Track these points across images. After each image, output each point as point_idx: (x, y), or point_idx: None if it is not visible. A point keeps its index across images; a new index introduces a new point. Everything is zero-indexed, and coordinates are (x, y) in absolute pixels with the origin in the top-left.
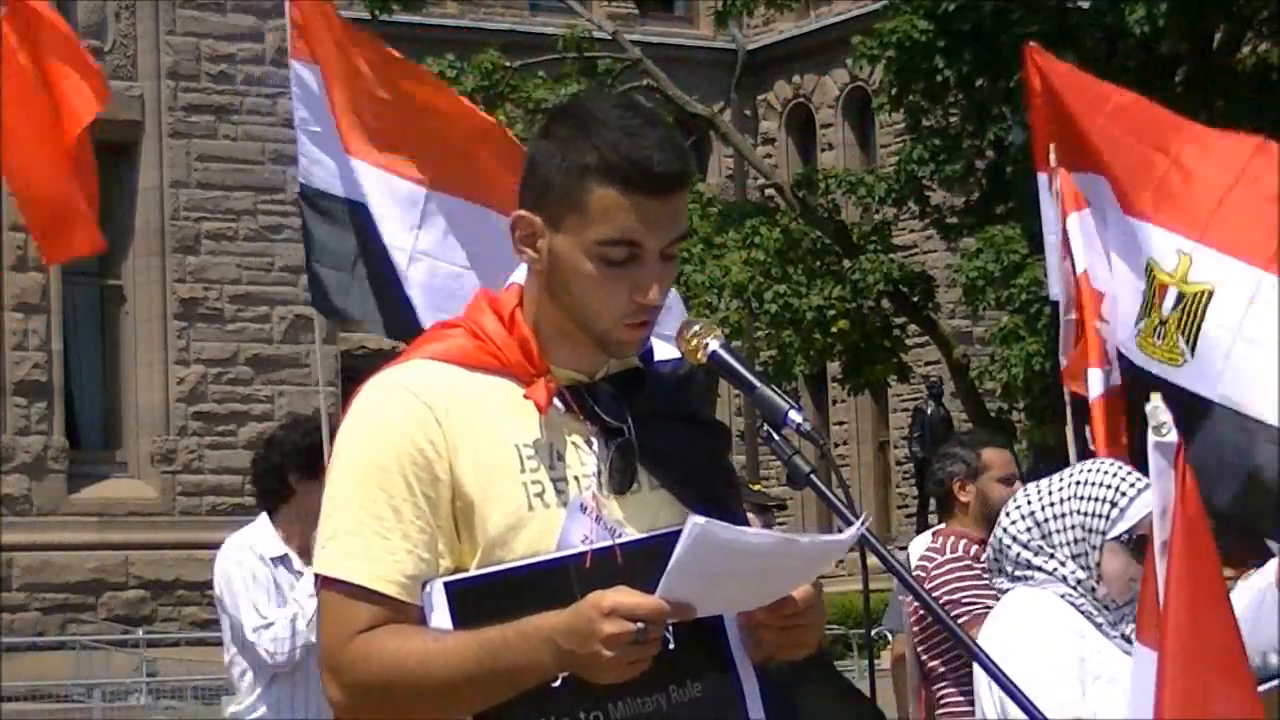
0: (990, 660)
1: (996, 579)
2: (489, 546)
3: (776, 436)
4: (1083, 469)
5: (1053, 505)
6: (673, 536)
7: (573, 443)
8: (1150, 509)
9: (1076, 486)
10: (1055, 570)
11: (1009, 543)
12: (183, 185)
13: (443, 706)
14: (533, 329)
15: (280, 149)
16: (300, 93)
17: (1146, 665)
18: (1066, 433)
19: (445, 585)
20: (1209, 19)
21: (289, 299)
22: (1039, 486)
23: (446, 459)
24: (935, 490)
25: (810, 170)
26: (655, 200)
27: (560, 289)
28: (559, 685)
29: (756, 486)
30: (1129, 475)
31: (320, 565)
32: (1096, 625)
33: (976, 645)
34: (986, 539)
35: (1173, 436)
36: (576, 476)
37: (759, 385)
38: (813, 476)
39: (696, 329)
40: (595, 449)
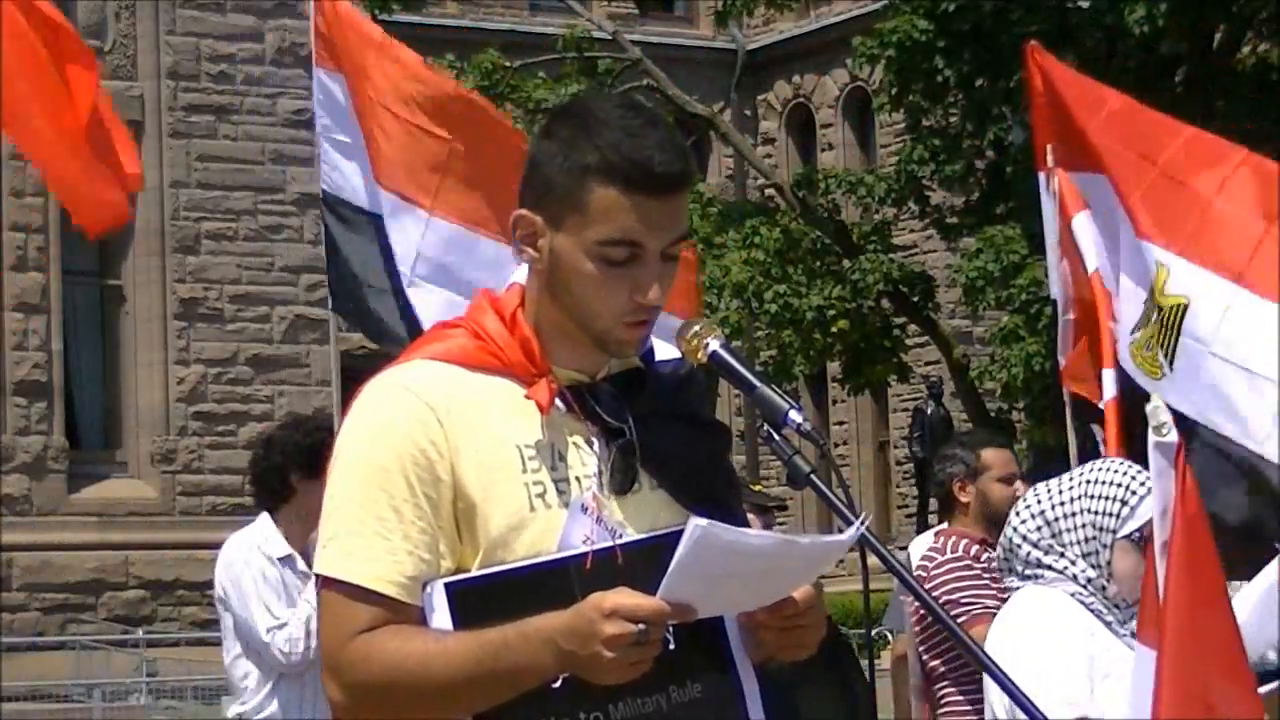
0: (990, 660)
1: (1007, 578)
2: (490, 547)
3: (776, 436)
4: (1093, 468)
5: (1063, 504)
6: (673, 537)
7: (574, 443)
8: None
9: (1087, 485)
10: (1065, 569)
11: (1019, 542)
12: (183, 185)
13: (443, 707)
14: (534, 329)
15: (280, 149)
16: (323, 99)
17: (1146, 665)
18: (1067, 433)
19: (446, 586)
20: (1209, 19)
21: (289, 299)
22: (1049, 486)
23: (448, 459)
24: (936, 491)
25: (810, 170)
26: (656, 200)
27: (561, 289)
28: (559, 686)
29: (757, 487)
30: (1139, 474)
31: (321, 565)
32: (1106, 624)
33: (976, 645)
34: (987, 539)
35: (1173, 436)
36: (578, 477)
37: (759, 385)
38: (813, 476)
39: (696, 329)
40: (596, 449)
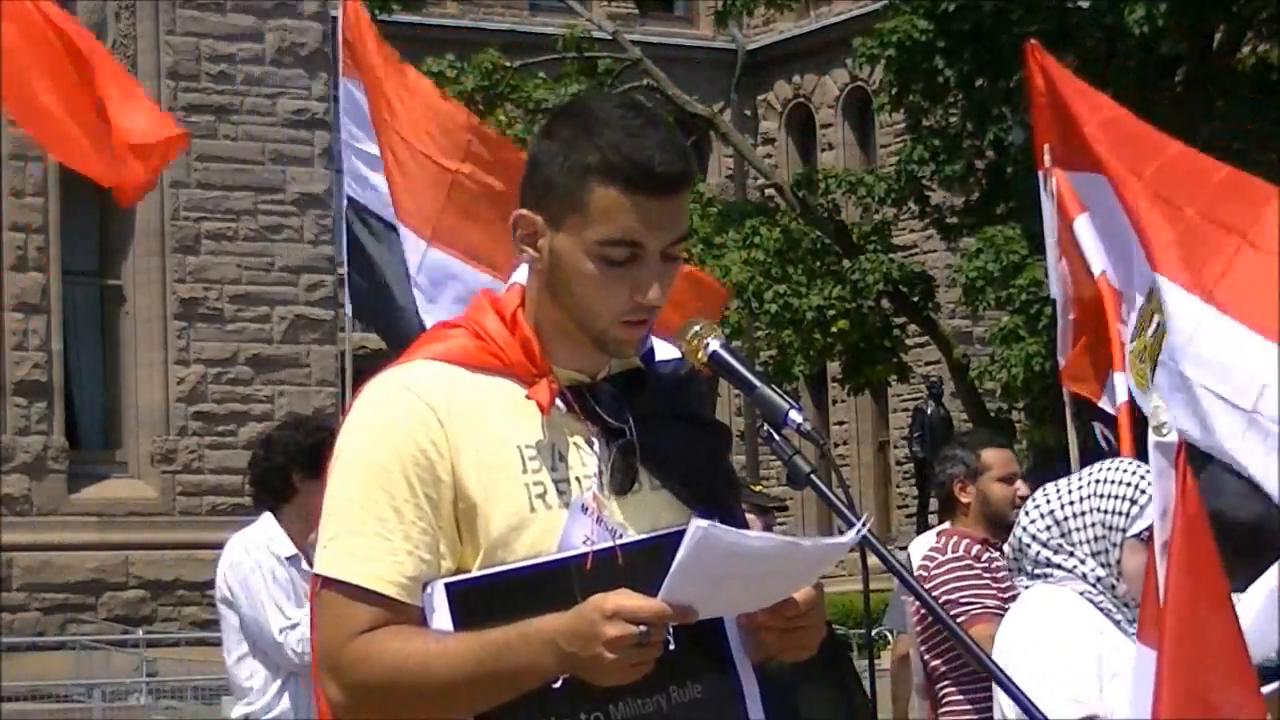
0: (990, 660)
1: (1016, 578)
2: (491, 547)
3: (776, 436)
4: (1102, 468)
5: (1073, 504)
6: (674, 537)
7: (574, 443)
8: None
9: (1096, 485)
10: (1075, 568)
11: (1029, 541)
12: (183, 185)
13: (443, 708)
14: (534, 329)
15: (280, 149)
16: (349, 108)
17: (1147, 665)
18: (1067, 432)
19: (446, 586)
20: (1209, 19)
21: (289, 299)
22: (1058, 486)
23: (449, 460)
24: (937, 492)
25: (810, 170)
26: (656, 200)
27: (561, 288)
28: (559, 686)
29: (758, 487)
30: (1149, 474)
31: (321, 565)
32: (1115, 622)
33: (977, 645)
34: (989, 539)
35: (1173, 437)
36: (578, 477)
37: (759, 385)
38: (813, 476)
39: (696, 329)
40: (596, 449)
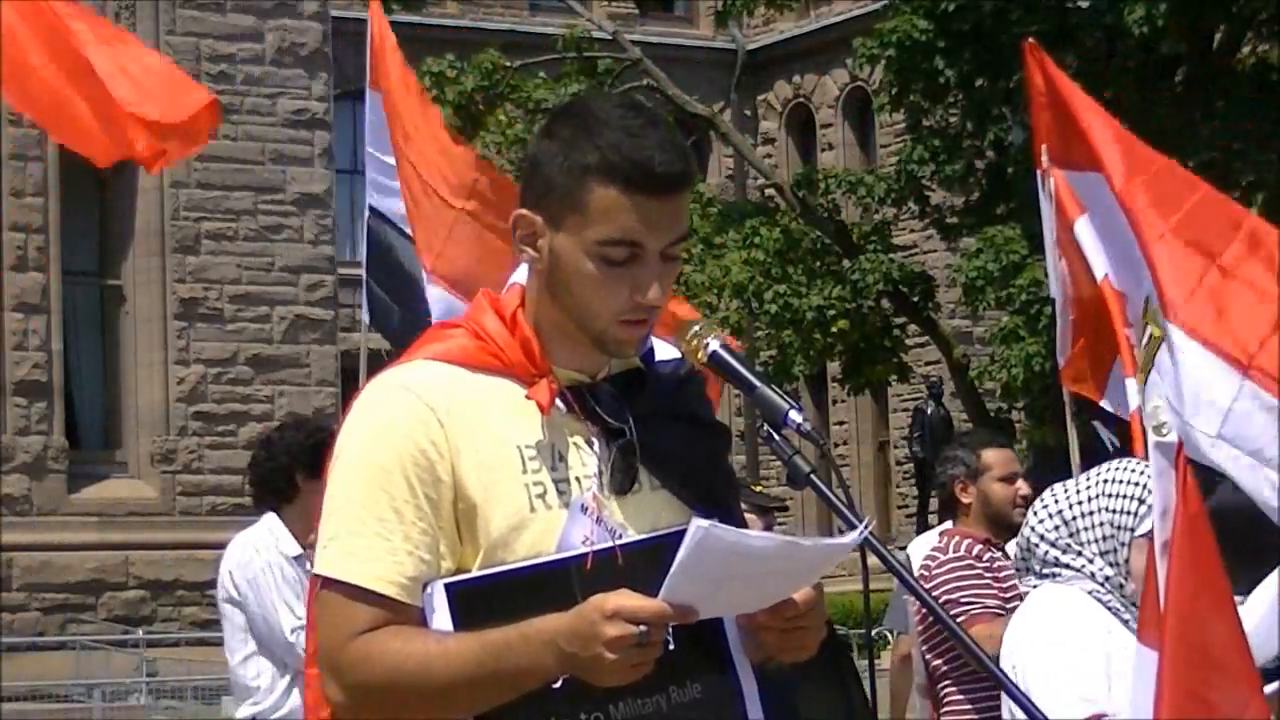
0: (989, 660)
1: (1024, 578)
2: (491, 548)
3: (776, 436)
4: (1110, 468)
5: (1081, 504)
6: (674, 537)
7: (574, 443)
8: None
9: (1104, 485)
10: (1083, 568)
11: (1037, 541)
12: (183, 185)
13: (443, 708)
14: (534, 329)
15: (280, 149)
16: (373, 119)
17: (1147, 666)
18: (1067, 432)
19: (446, 586)
20: (1209, 19)
21: (289, 299)
22: (1066, 486)
23: (449, 460)
24: (938, 493)
25: (810, 170)
26: (656, 200)
27: (561, 288)
28: (559, 686)
29: (758, 488)
30: None
31: (321, 566)
32: (1124, 622)
33: (976, 645)
34: (991, 539)
35: (1173, 437)
36: (578, 477)
37: (759, 385)
38: (813, 476)
39: (697, 329)
40: (596, 449)
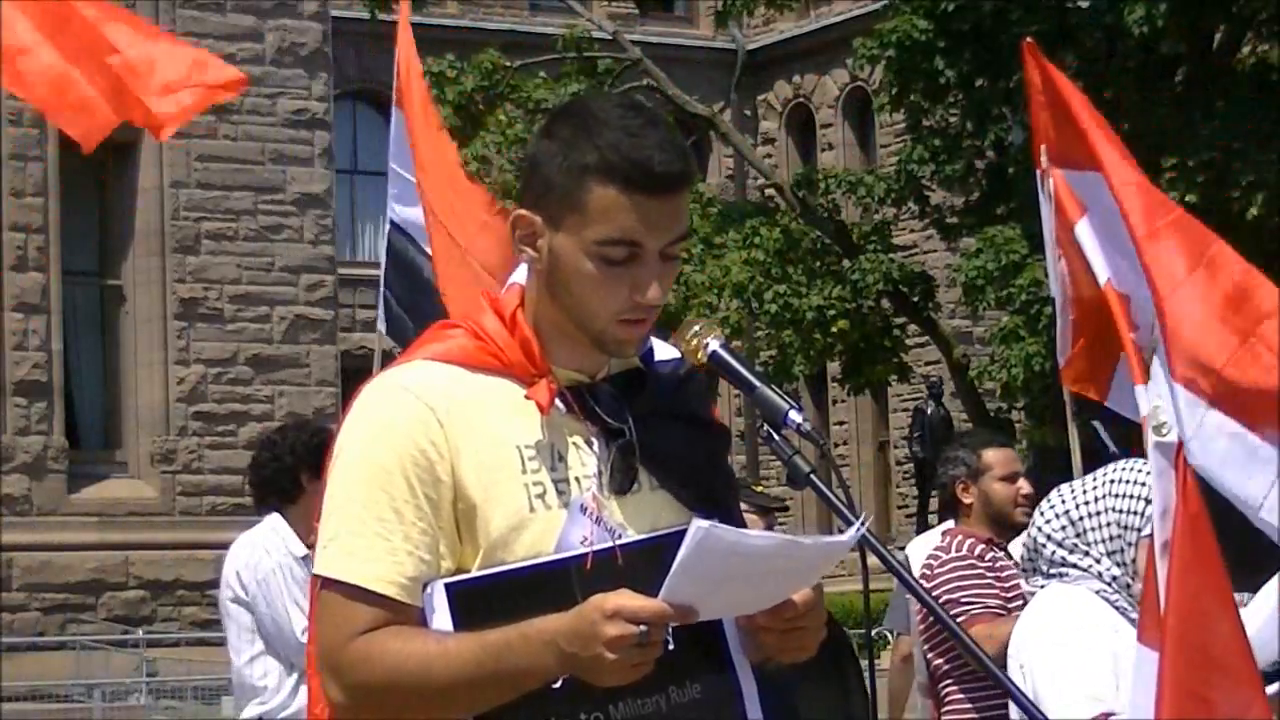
0: (989, 659)
1: (1031, 578)
2: (490, 548)
3: (776, 436)
4: (1117, 468)
5: (1088, 504)
6: (674, 537)
7: (573, 443)
8: None
9: (1111, 485)
10: (1090, 567)
11: (1044, 541)
12: (183, 185)
13: (444, 708)
14: (533, 329)
15: (280, 149)
16: (397, 135)
17: (1148, 666)
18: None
19: (446, 586)
20: (1209, 19)
21: (289, 299)
22: (1073, 487)
23: (448, 460)
24: (940, 493)
25: (810, 170)
26: (655, 200)
27: (560, 288)
28: (559, 686)
29: (759, 488)
30: None
31: (321, 566)
32: (1131, 621)
33: (976, 645)
34: (993, 538)
35: (1173, 437)
36: (577, 477)
37: (759, 385)
38: (813, 476)
39: (696, 329)
40: (596, 449)
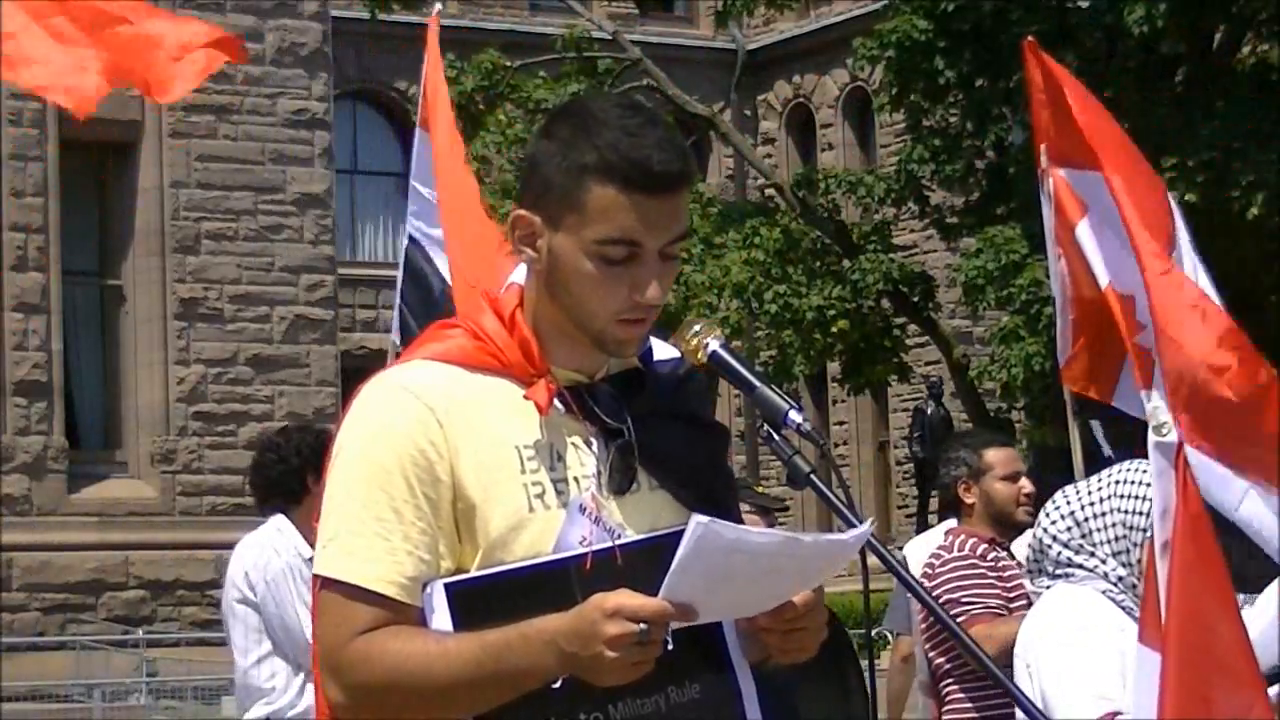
0: (989, 659)
1: (1037, 579)
2: (490, 548)
3: (776, 436)
4: (1122, 469)
5: (1093, 504)
6: (673, 537)
7: (572, 443)
8: None
9: (1116, 486)
10: (1096, 568)
11: (1049, 542)
12: (183, 185)
13: (443, 708)
14: (533, 329)
15: (280, 149)
16: (420, 152)
17: (1148, 666)
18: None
19: (446, 586)
20: (1209, 19)
21: (289, 299)
22: (1077, 487)
23: (448, 460)
24: (941, 494)
25: (810, 170)
26: (654, 200)
27: (559, 288)
28: (559, 686)
29: (759, 488)
30: None
31: (321, 566)
32: (1137, 621)
33: (976, 645)
34: (995, 538)
35: (1173, 437)
36: (576, 477)
37: (759, 385)
38: (813, 476)
39: (697, 329)
40: (595, 449)
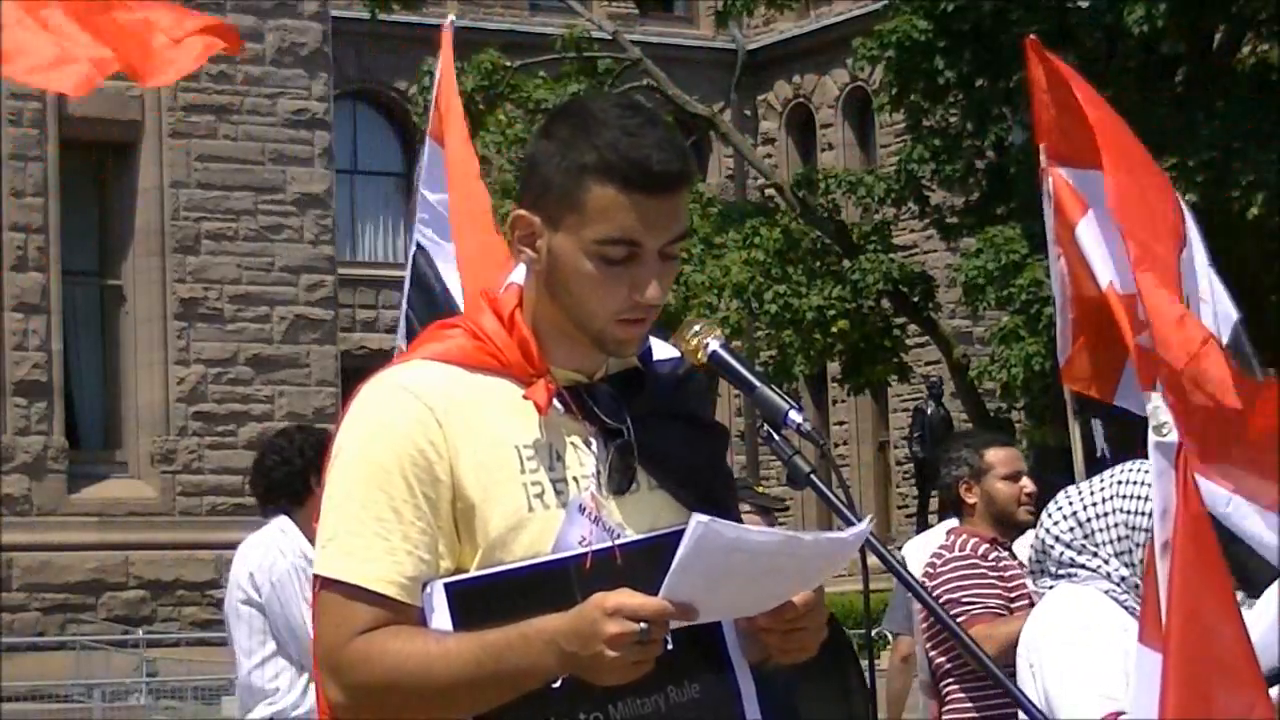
0: (988, 658)
1: (1039, 579)
2: (489, 548)
3: (776, 436)
4: (1124, 469)
5: (1095, 505)
6: (673, 537)
7: (572, 443)
8: None
9: (1119, 486)
10: (1099, 568)
11: (1052, 543)
12: (183, 185)
13: (443, 708)
14: (532, 329)
15: (280, 149)
16: (432, 162)
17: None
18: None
19: (445, 586)
20: (1209, 19)
21: (289, 299)
22: (1079, 488)
23: (447, 460)
24: (943, 494)
25: (810, 170)
26: (654, 199)
27: (559, 288)
28: (558, 686)
29: (759, 488)
30: None
31: (320, 565)
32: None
33: (976, 644)
34: (997, 538)
35: (1173, 437)
36: (575, 477)
37: (759, 385)
38: (813, 476)
39: (697, 329)
40: (594, 449)
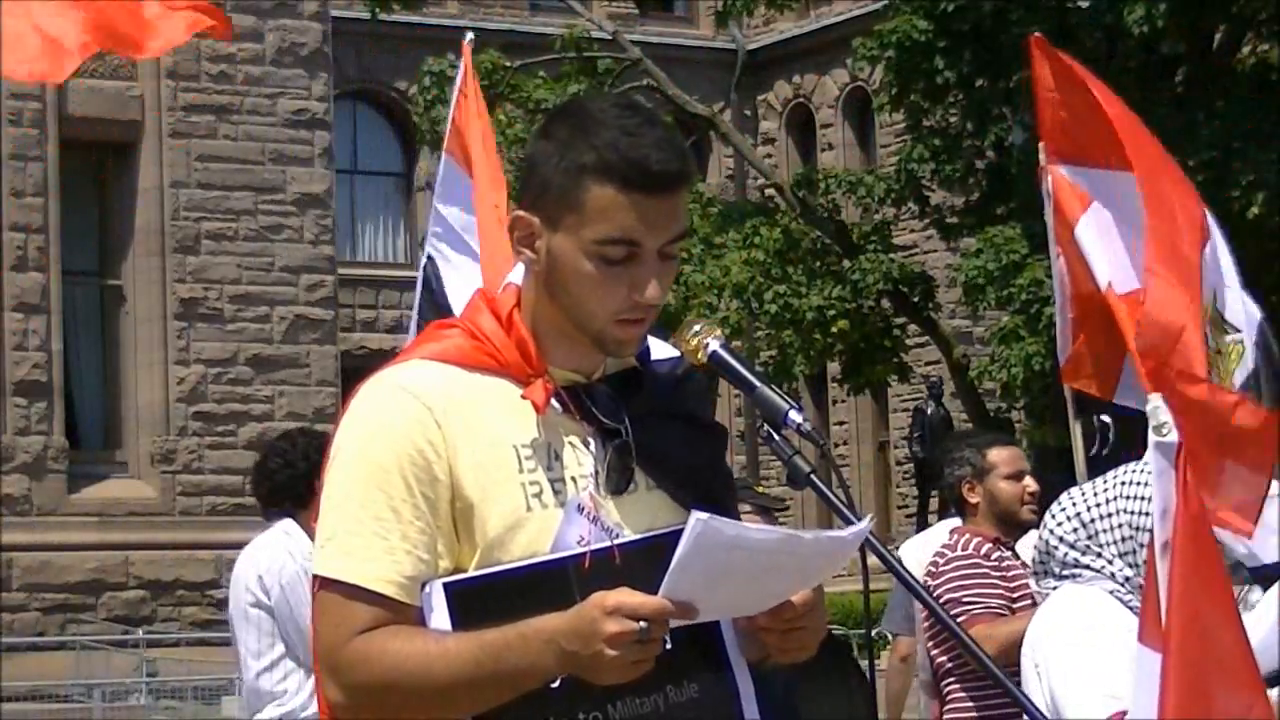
0: (988, 658)
1: (1043, 580)
2: (488, 547)
3: (776, 436)
4: (1128, 469)
5: (1099, 505)
6: (672, 536)
7: (570, 443)
8: None
9: (1122, 486)
10: (1103, 569)
11: (1055, 544)
12: (183, 185)
13: (443, 708)
14: (531, 329)
15: (280, 149)
16: (447, 177)
17: (1149, 666)
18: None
19: (444, 586)
20: (1209, 19)
21: (289, 299)
22: (1083, 489)
23: (446, 460)
24: (946, 494)
25: (810, 170)
26: (653, 199)
27: (558, 288)
28: (557, 686)
29: (759, 488)
30: None
31: (319, 565)
32: None
33: (976, 644)
34: (1000, 537)
35: (1173, 436)
36: (574, 477)
37: (759, 385)
38: (813, 476)
39: (697, 329)
40: (593, 449)
